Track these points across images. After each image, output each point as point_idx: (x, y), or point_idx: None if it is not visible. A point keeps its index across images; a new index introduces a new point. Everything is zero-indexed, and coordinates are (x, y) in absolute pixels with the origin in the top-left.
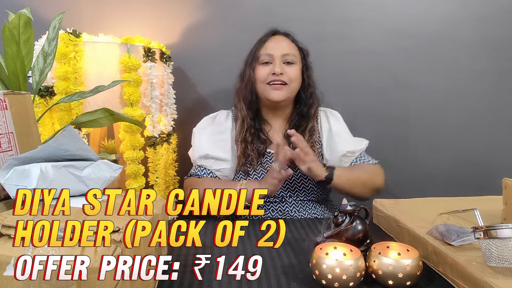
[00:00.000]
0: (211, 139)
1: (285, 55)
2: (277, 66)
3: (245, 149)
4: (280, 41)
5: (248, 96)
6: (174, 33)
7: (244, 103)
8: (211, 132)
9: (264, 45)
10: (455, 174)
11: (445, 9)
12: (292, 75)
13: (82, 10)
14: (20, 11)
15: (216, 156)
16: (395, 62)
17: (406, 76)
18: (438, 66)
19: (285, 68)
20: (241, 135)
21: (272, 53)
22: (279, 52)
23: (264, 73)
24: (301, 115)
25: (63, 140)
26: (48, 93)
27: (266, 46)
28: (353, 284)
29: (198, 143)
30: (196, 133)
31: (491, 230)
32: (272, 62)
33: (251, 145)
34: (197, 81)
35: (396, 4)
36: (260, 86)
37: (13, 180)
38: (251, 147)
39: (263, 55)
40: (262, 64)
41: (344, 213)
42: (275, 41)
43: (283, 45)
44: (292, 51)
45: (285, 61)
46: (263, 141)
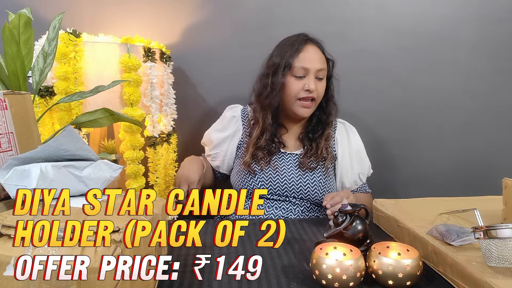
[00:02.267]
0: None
1: (319, 71)
2: (311, 82)
3: (256, 153)
4: (315, 53)
5: (275, 104)
6: (174, 33)
7: (270, 112)
8: (220, 128)
9: (299, 55)
10: (455, 174)
11: (445, 9)
12: (321, 92)
13: (82, 10)
14: (20, 11)
15: (213, 165)
16: (395, 62)
17: (406, 76)
18: (438, 66)
19: (316, 83)
20: (255, 140)
21: (308, 67)
22: (314, 67)
23: (298, 88)
24: (319, 122)
25: (63, 140)
26: (48, 93)
27: (302, 57)
28: (353, 284)
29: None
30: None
31: (491, 230)
32: (306, 76)
33: (263, 150)
34: (197, 81)
35: (396, 4)
36: (290, 99)
37: (13, 180)
38: (262, 153)
39: (298, 67)
40: (296, 77)
41: (344, 213)
42: (310, 52)
43: (317, 57)
44: (324, 65)
45: (317, 76)
46: (277, 144)
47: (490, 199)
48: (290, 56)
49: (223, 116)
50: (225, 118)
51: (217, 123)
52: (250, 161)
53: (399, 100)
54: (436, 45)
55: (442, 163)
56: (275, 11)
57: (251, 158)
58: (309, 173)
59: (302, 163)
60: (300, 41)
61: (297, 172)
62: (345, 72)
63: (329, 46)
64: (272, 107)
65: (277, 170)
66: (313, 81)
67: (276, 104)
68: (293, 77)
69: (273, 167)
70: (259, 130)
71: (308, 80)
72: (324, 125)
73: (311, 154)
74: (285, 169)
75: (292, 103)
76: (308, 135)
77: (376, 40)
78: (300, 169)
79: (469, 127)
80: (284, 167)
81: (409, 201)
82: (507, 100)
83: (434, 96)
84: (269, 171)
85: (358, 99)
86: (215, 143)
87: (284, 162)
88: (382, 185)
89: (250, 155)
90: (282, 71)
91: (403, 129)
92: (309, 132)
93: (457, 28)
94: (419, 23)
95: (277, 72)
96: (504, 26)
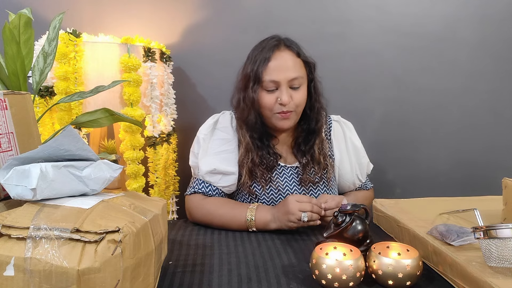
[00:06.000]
0: (215, 149)
1: (292, 80)
2: (284, 95)
3: (253, 171)
4: (285, 60)
5: (252, 120)
6: (174, 33)
7: (248, 129)
8: (215, 139)
9: (268, 65)
10: (455, 174)
11: (445, 9)
12: (298, 101)
13: (82, 10)
14: (20, 11)
15: (224, 170)
16: (395, 62)
17: (406, 76)
18: (438, 66)
19: (291, 93)
20: (247, 159)
21: (278, 79)
22: (285, 77)
23: (271, 102)
24: (308, 131)
25: (63, 140)
26: (48, 93)
27: (271, 68)
28: (353, 284)
29: (203, 153)
30: (201, 140)
31: (491, 230)
32: (278, 88)
33: (260, 167)
34: (197, 81)
35: (396, 4)
36: (267, 113)
37: (13, 180)
38: (260, 170)
39: (267, 82)
40: (268, 91)
41: (344, 213)
42: (280, 60)
43: (288, 65)
44: (298, 73)
45: (291, 86)
46: (273, 156)
47: (490, 199)
48: (259, 67)
49: (220, 127)
50: (221, 128)
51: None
52: (249, 182)
53: (399, 100)
54: (436, 45)
55: (442, 163)
56: (275, 11)
57: (250, 179)
58: (313, 187)
59: (303, 180)
60: (269, 48)
61: (300, 188)
62: (345, 72)
63: (329, 47)
64: (250, 122)
65: (279, 189)
66: (286, 93)
67: (254, 118)
68: (265, 91)
69: (274, 186)
70: (243, 149)
71: (280, 93)
72: (314, 134)
73: (309, 168)
74: (287, 186)
75: (270, 117)
76: (301, 148)
77: (376, 40)
78: (303, 185)
79: (469, 127)
80: (286, 184)
81: (409, 201)
82: (507, 100)
83: (434, 96)
84: (270, 192)
85: (358, 99)
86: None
87: (286, 177)
88: (382, 185)
89: (247, 175)
90: (253, 86)
91: (403, 129)
92: (300, 144)
93: (457, 28)
94: (419, 23)
95: (248, 86)
96: (504, 27)
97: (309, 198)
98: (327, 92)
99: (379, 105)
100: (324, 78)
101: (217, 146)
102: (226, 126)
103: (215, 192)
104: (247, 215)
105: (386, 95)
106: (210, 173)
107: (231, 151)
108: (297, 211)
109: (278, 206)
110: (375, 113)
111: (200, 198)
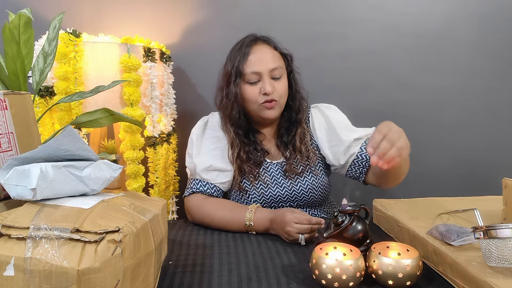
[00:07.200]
0: (209, 147)
1: (273, 70)
2: (267, 84)
3: (241, 167)
4: (264, 52)
5: (236, 115)
6: (174, 33)
7: (232, 124)
8: (206, 138)
9: (248, 59)
10: (455, 174)
11: (445, 8)
12: (281, 91)
13: (82, 10)
14: (20, 11)
15: (219, 167)
16: (395, 62)
17: (406, 75)
18: (437, 66)
19: (273, 83)
20: (233, 155)
21: (259, 70)
22: (266, 68)
23: (255, 94)
24: (290, 121)
25: (63, 140)
26: (48, 93)
27: (251, 61)
28: (353, 284)
29: (197, 152)
30: (194, 140)
31: (491, 230)
32: (260, 79)
33: (248, 163)
34: (197, 81)
35: (396, 4)
36: (252, 106)
37: (13, 180)
38: (248, 165)
39: (249, 74)
40: (250, 84)
41: (344, 213)
42: (259, 53)
43: (267, 57)
44: (278, 63)
45: (273, 77)
46: (260, 152)
47: (490, 199)
48: (239, 62)
49: (210, 126)
50: (211, 127)
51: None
52: (239, 178)
53: (398, 100)
54: (436, 44)
55: (442, 162)
56: (275, 11)
57: (240, 175)
58: (300, 178)
59: (287, 171)
60: (247, 44)
61: (287, 181)
62: (345, 71)
63: (329, 46)
64: (234, 118)
65: (268, 183)
66: (269, 83)
67: (237, 114)
68: (247, 84)
69: (263, 181)
70: (228, 144)
71: (263, 83)
72: (296, 124)
73: (292, 159)
74: (275, 180)
75: (255, 109)
76: (283, 140)
77: (376, 40)
78: (289, 178)
79: (469, 126)
80: (274, 178)
81: (409, 201)
82: (507, 100)
83: (433, 95)
84: (260, 186)
85: (358, 99)
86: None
87: (273, 173)
88: None
89: (237, 171)
90: (234, 81)
91: (403, 128)
92: (283, 136)
93: (456, 28)
94: (419, 23)
95: (230, 82)
96: (503, 26)
97: (308, 218)
98: (327, 91)
99: (378, 104)
100: (324, 77)
101: (210, 144)
102: (216, 125)
103: (213, 190)
104: (245, 220)
105: (386, 95)
106: (207, 170)
107: (223, 148)
108: (294, 234)
109: (276, 218)
110: (374, 112)
111: (200, 198)
